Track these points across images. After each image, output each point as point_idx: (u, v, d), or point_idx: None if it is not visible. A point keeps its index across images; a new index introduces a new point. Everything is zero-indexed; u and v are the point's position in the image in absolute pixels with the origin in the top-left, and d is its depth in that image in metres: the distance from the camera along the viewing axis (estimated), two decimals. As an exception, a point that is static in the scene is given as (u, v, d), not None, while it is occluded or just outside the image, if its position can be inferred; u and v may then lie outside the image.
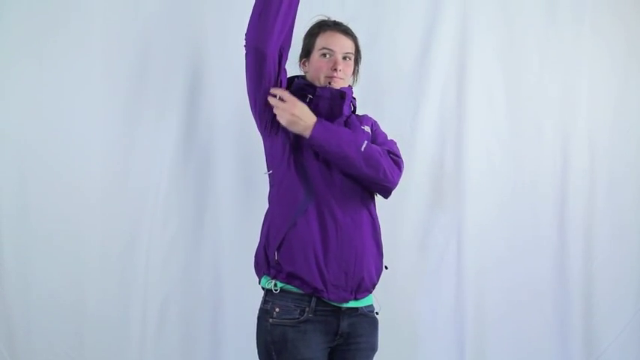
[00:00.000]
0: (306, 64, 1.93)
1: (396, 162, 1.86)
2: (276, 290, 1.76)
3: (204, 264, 2.35)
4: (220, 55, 2.33)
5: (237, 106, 2.28)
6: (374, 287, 1.85)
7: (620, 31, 2.62)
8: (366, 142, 1.79)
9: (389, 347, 2.40)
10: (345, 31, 1.90)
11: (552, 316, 2.55)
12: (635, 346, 2.59)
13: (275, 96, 1.79)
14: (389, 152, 1.85)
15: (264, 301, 1.79)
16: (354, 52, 1.91)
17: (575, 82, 2.58)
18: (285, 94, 1.79)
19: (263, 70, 1.76)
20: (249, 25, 1.77)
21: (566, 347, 2.55)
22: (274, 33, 1.73)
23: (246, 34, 1.78)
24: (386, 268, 1.88)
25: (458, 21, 2.49)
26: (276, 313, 1.74)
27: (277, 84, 1.80)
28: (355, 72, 1.97)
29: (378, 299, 1.89)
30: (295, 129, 1.78)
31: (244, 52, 1.79)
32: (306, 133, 1.77)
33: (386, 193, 1.87)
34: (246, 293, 2.27)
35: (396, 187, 1.86)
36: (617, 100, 2.63)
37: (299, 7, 1.81)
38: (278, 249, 1.75)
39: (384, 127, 2.01)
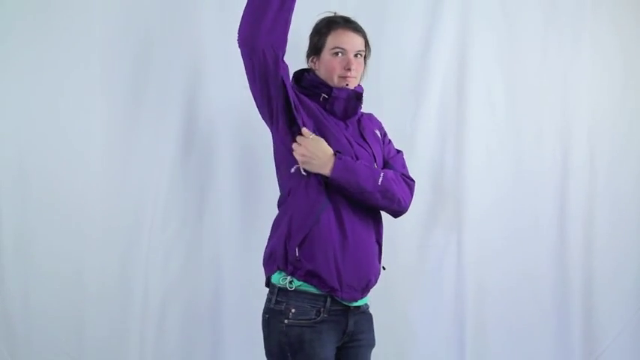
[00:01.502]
0: (316, 62, 1.89)
1: (410, 186, 1.87)
2: (290, 288, 1.74)
3: (204, 264, 2.35)
4: (221, 55, 2.33)
5: (237, 106, 2.28)
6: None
7: (621, 30, 2.62)
8: (382, 174, 1.77)
9: (389, 347, 2.40)
10: (356, 28, 1.88)
11: (552, 315, 2.55)
12: (635, 346, 2.60)
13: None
14: (403, 176, 1.86)
15: (276, 302, 1.75)
16: (364, 48, 1.89)
17: (575, 82, 2.58)
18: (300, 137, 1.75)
19: (254, 65, 1.71)
20: (240, 21, 1.73)
21: (566, 347, 2.55)
22: (262, 28, 1.68)
23: (237, 31, 1.74)
24: (384, 268, 1.88)
25: (458, 21, 2.49)
26: (292, 313, 1.72)
27: (276, 80, 1.73)
28: (364, 68, 1.94)
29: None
30: (312, 168, 1.74)
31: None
32: (325, 172, 1.73)
33: (396, 216, 1.89)
34: (246, 293, 2.28)
35: None
36: (617, 98, 2.63)
37: (300, 5, 1.78)
38: (300, 245, 1.72)
39: (384, 127, 2.00)
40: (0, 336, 2.21)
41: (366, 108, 2.04)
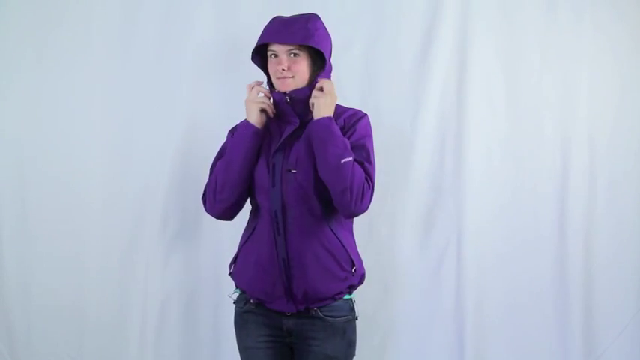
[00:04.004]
0: None
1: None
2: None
3: (204, 264, 2.35)
4: (222, 54, 2.34)
5: (239, 105, 2.28)
6: None
7: (621, 30, 2.61)
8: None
9: (389, 347, 2.40)
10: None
11: (552, 316, 2.55)
12: (635, 346, 2.59)
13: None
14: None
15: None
16: (297, 48, 1.73)
17: (575, 82, 2.57)
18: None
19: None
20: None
21: (566, 347, 2.55)
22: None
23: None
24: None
25: (458, 21, 2.49)
26: None
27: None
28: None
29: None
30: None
31: None
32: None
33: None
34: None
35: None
36: (618, 100, 2.62)
37: (301, 2, 1.77)
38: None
39: (384, 127, 1.98)
40: (0, 336, 2.21)
41: (367, 108, 2.02)
